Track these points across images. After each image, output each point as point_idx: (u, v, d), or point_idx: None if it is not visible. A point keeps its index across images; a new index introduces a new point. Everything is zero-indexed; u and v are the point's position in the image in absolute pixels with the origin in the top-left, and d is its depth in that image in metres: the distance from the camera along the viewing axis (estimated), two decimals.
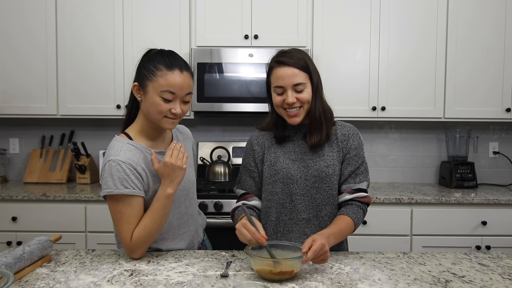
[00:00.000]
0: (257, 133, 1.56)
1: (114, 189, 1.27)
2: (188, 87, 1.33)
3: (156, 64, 1.31)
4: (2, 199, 2.47)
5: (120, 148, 1.32)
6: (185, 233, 1.48)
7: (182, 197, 1.45)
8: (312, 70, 1.40)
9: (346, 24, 2.70)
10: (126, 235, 1.29)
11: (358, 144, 1.47)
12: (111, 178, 1.28)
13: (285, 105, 1.39)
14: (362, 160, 1.46)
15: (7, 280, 0.91)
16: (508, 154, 3.05)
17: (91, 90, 2.74)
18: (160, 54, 1.34)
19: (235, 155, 2.97)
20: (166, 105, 1.30)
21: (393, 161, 3.09)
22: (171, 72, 1.29)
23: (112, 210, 1.32)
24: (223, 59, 2.65)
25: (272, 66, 1.42)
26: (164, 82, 1.28)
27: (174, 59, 1.33)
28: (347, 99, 2.70)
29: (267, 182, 1.48)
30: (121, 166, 1.29)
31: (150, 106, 1.31)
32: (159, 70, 1.30)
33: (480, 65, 2.71)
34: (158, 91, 1.29)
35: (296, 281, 1.15)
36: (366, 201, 1.43)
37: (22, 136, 3.11)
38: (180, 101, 1.32)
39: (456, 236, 2.46)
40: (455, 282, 1.15)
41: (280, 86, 1.38)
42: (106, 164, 1.31)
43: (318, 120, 1.42)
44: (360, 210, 1.41)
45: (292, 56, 1.39)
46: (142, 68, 1.35)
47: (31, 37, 2.72)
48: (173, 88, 1.29)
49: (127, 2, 2.70)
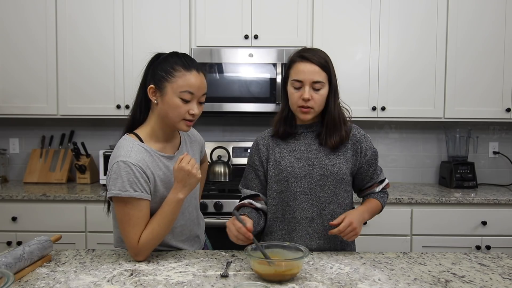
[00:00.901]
0: (263, 133, 1.59)
1: (123, 191, 1.25)
2: (204, 87, 1.35)
3: (174, 65, 1.31)
4: (2, 199, 2.47)
5: (131, 149, 1.31)
6: (187, 240, 1.49)
7: (186, 203, 1.45)
8: (332, 72, 1.44)
9: (346, 24, 2.70)
10: (133, 237, 1.28)
11: (370, 144, 1.54)
12: (120, 179, 1.26)
13: (300, 101, 1.41)
14: (377, 156, 1.56)
15: (7, 280, 0.91)
16: (508, 154, 3.05)
17: (91, 90, 2.74)
18: (175, 56, 1.34)
19: (235, 155, 2.97)
20: (185, 106, 1.30)
21: (393, 161, 3.09)
22: (189, 72, 1.30)
23: (119, 211, 1.29)
24: (223, 59, 2.65)
25: (294, 60, 1.44)
26: (183, 83, 1.29)
27: (190, 60, 1.34)
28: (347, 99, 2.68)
29: (272, 181, 1.49)
30: (131, 168, 1.27)
31: (168, 108, 1.31)
32: (177, 71, 1.30)
33: (480, 65, 2.71)
34: (177, 92, 1.29)
35: (296, 281, 1.15)
36: (388, 187, 1.59)
37: (22, 136, 3.11)
38: (197, 102, 1.34)
39: (456, 236, 2.46)
40: (455, 282, 1.15)
41: (299, 80, 1.41)
42: (115, 164, 1.28)
43: (337, 121, 1.45)
44: (385, 195, 1.58)
45: (315, 54, 1.43)
46: (158, 69, 1.33)
47: (31, 37, 2.72)
48: (192, 88, 1.30)
49: (127, 2, 2.70)
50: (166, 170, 1.37)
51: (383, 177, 1.57)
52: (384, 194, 1.57)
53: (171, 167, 1.38)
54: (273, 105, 2.65)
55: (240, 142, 3.00)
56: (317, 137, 1.48)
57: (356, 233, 1.35)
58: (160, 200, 1.34)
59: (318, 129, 1.48)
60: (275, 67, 2.64)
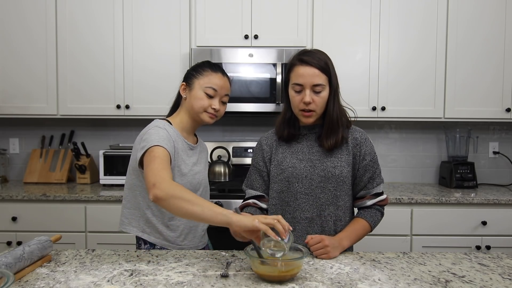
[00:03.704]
0: (266, 134, 1.59)
1: (156, 143, 1.39)
2: (227, 89, 1.58)
3: (204, 68, 1.58)
4: (2, 199, 2.47)
5: (164, 125, 1.50)
6: (194, 238, 1.58)
7: None
8: (332, 73, 1.43)
9: (346, 24, 2.70)
10: (161, 174, 1.28)
11: (371, 149, 1.50)
12: (157, 136, 1.41)
13: (301, 104, 1.41)
14: (377, 164, 1.50)
15: (7, 280, 0.91)
16: (508, 154, 3.05)
17: (91, 90, 2.74)
18: (207, 63, 1.61)
19: (235, 155, 2.97)
20: (208, 100, 1.52)
21: (393, 161, 3.09)
22: (215, 73, 1.56)
23: (147, 160, 1.36)
24: (223, 59, 2.65)
25: (294, 63, 1.44)
26: (208, 80, 1.54)
27: (217, 65, 1.61)
28: (347, 99, 2.68)
29: (274, 181, 1.50)
30: (165, 130, 1.46)
31: (194, 100, 1.53)
32: (205, 71, 1.56)
33: (480, 65, 2.71)
34: (203, 87, 1.53)
35: (296, 281, 1.15)
36: (384, 204, 1.51)
37: (22, 136, 3.11)
38: (219, 100, 1.55)
39: (456, 236, 2.46)
40: (455, 282, 1.15)
41: (299, 83, 1.41)
42: (152, 129, 1.45)
43: (335, 123, 1.44)
44: (378, 213, 1.50)
45: (314, 57, 1.42)
46: (190, 71, 1.60)
47: (31, 37, 2.72)
48: (216, 86, 1.53)
49: (127, 2, 2.70)
50: (185, 154, 1.53)
51: (379, 190, 1.49)
52: (376, 212, 1.49)
53: (190, 154, 1.56)
54: (273, 105, 2.65)
55: (240, 142, 3.00)
56: (318, 139, 1.48)
57: (327, 253, 1.32)
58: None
59: (319, 131, 1.49)
60: (275, 67, 2.63)
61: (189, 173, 1.52)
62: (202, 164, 1.63)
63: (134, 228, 1.53)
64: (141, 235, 1.52)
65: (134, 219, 1.53)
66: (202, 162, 1.63)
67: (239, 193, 2.42)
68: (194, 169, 1.55)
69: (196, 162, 1.59)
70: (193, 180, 1.53)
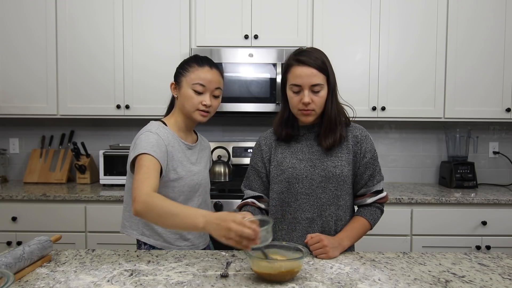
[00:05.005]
0: (265, 133, 1.58)
1: (144, 150, 1.38)
2: (217, 82, 1.51)
3: (190, 63, 1.52)
4: (2, 199, 2.47)
5: (157, 127, 1.49)
6: (194, 239, 1.57)
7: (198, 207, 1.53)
8: (330, 72, 1.42)
9: (346, 24, 2.70)
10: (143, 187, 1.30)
11: (371, 146, 1.49)
12: (146, 143, 1.40)
13: (300, 105, 1.40)
14: (377, 161, 1.50)
15: (7, 280, 0.90)
16: (508, 154, 3.05)
17: (91, 90, 2.74)
18: (193, 57, 1.55)
19: (235, 155, 2.97)
20: (197, 97, 1.48)
21: (393, 161, 3.09)
22: (201, 68, 1.49)
23: (136, 168, 1.38)
24: (223, 59, 2.65)
25: (290, 64, 1.43)
26: (195, 76, 1.48)
27: (204, 59, 1.54)
28: (347, 99, 2.67)
29: (274, 182, 1.49)
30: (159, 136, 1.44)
31: (184, 99, 1.49)
32: (191, 67, 1.50)
33: (480, 65, 2.71)
34: (190, 84, 1.48)
35: (296, 281, 1.15)
36: (384, 201, 1.51)
37: (22, 136, 3.11)
38: (210, 95, 1.49)
39: (456, 236, 2.46)
40: (455, 282, 1.15)
41: (297, 84, 1.40)
42: (142, 134, 1.44)
43: (333, 122, 1.43)
44: (378, 210, 1.50)
45: (311, 56, 1.40)
46: (178, 69, 1.55)
47: (31, 37, 2.72)
48: (203, 81, 1.48)
49: (127, 2, 2.70)
50: (183, 155, 1.51)
51: (379, 187, 1.49)
52: (376, 210, 1.49)
53: (188, 154, 1.54)
54: (273, 105, 2.65)
55: (240, 142, 3.01)
56: (317, 138, 1.48)
57: (326, 253, 1.32)
58: (167, 180, 1.45)
59: (318, 130, 1.48)
60: (275, 67, 2.64)
61: (187, 175, 1.51)
62: (203, 163, 1.62)
63: (134, 231, 1.53)
64: (141, 238, 1.52)
65: (134, 223, 1.53)
66: (202, 161, 1.62)
67: (239, 193, 2.41)
68: (193, 170, 1.54)
69: (196, 161, 1.58)
70: (191, 182, 1.52)
